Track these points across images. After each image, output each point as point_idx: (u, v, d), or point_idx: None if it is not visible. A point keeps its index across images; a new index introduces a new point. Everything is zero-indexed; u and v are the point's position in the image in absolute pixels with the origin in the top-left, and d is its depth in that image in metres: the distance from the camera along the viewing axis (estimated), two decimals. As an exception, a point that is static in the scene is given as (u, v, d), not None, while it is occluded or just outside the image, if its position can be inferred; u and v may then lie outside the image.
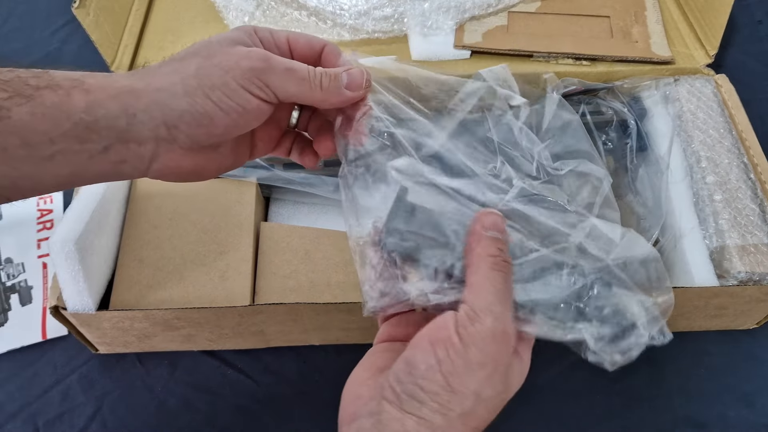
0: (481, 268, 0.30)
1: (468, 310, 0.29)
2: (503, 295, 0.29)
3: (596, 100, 0.59)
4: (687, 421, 0.52)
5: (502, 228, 0.32)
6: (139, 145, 0.32)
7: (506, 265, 0.31)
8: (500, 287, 0.29)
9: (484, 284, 0.29)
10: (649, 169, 0.58)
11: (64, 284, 0.47)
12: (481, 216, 0.32)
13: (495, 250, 0.31)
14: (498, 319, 0.29)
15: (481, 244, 0.31)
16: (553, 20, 0.65)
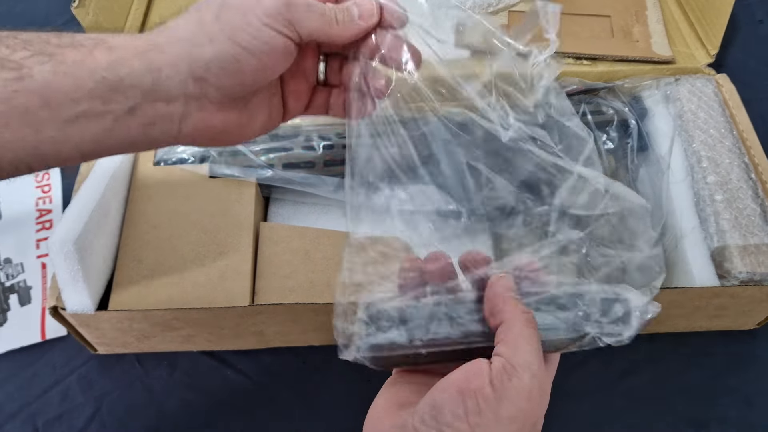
0: (516, 324, 0.29)
1: (505, 363, 0.28)
2: (539, 354, 0.29)
3: (597, 100, 0.59)
4: (687, 421, 0.52)
5: (515, 288, 0.32)
6: (167, 103, 0.31)
7: (535, 324, 0.30)
8: (536, 345, 0.29)
9: (520, 340, 0.29)
10: (649, 169, 0.57)
11: (63, 284, 0.47)
12: (497, 281, 0.32)
13: (525, 308, 0.30)
14: (536, 377, 0.28)
15: (510, 302, 0.30)
16: (553, 20, 0.65)
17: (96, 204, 0.49)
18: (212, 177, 0.55)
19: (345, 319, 0.33)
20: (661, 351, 0.55)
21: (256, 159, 0.54)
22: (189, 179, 0.55)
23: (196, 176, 0.55)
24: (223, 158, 0.55)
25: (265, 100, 0.36)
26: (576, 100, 0.59)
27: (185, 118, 0.32)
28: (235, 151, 0.55)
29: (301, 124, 0.58)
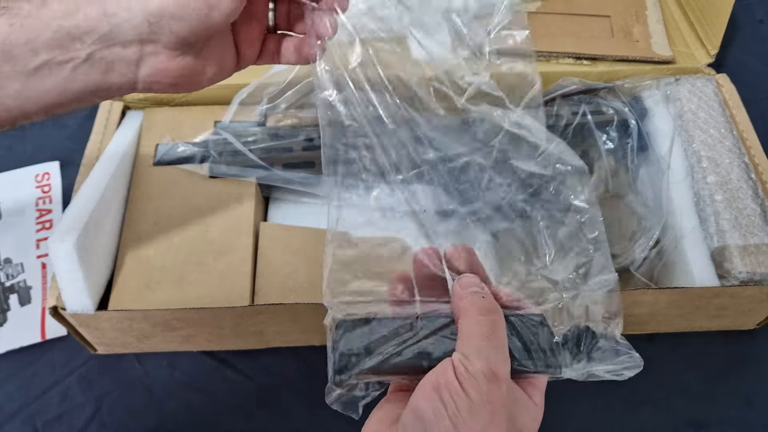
0: (469, 316, 0.31)
1: (460, 355, 0.30)
2: (491, 338, 0.30)
3: (597, 100, 0.59)
4: (688, 422, 0.52)
5: (479, 284, 0.33)
6: (123, 47, 0.32)
7: (492, 309, 0.32)
8: (487, 330, 0.30)
9: (471, 330, 0.30)
10: (649, 169, 0.57)
11: (63, 284, 0.47)
12: (458, 280, 0.34)
13: (479, 299, 0.32)
14: (487, 360, 0.29)
15: (465, 299, 0.32)
16: (553, 20, 0.65)
17: (96, 204, 0.49)
18: (212, 177, 0.55)
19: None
20: (661, 351, 0.55)
21: (257, 159, 0.54)
22: (189, 179, 0.55)
23: (196, 176, 0.55)
24: (223, 158, 0.55)
25: (218, 47, 0.37)
26: (576, 100, 0.59)
27: (142, 62, 0.33)
28: (236, 152, 0.55)
29: (300, 123, 0.58)
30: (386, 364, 0.32)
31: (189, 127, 0.58)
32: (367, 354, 0.32)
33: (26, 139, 0.69)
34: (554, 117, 0.57)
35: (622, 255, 0.54)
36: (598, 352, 0.35)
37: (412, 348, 0.32)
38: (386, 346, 0.32)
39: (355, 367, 0.32)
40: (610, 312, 0.36)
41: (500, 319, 0.32)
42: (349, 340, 0.32)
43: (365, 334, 0.32)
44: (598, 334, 0.35)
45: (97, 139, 0.57)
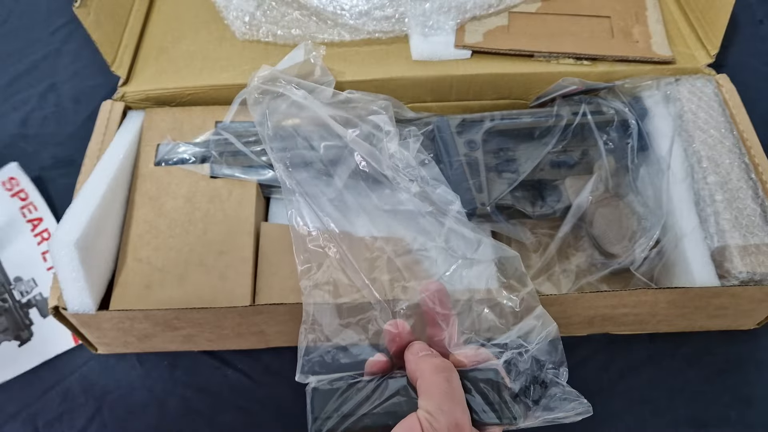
0: (424, 376, 0.34)
1: (424, 413, 0.32)
2: (449, 394, 0.33)
3: (597, 100, 0.59)
4: (687, 421, 0.52)
5: (428, 349, 0.36)
6: None
7: (446, 366, 0.35)
8: (444, 386, 0.33)
9: (430, 388, 0.33)
10: (650, 169, 0.57)
11: (64, 284, 0.47)
12: (409, 348, 0.37)
13: (432, 359, 0.35)
14: (449, 415, 0.32)
15: (420, 362, 0.35)
16: (553, 20, 0.65)
17: (97, 204, 0.49)
18: (213, 177, 0.55)
19: None
20: (661, 351, 0.55)
21: (257, 159, 0.55)
22: (190, 179, 0.55)
23: (197, 176, 0.55)
24: (224, 158, 0.55)
25: None
26: (576, 100, 0.59)
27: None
28: (236, 152, 0.55)
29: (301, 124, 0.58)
30: (358, 426, 0.35)
31: (190, 127, 0.58)
32: (341, 417, 0.35)
33: (28, 140, 0.69)
34: (554, 117, 0.57)
35: (622, 255, 0.54)
36: (551, 401, 0.37)
37: (379, 408, 0.35)
38: (357, 408, 0.35)
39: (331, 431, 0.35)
40: (555, 362, 0.39)
41: (454, 374, 0.34)
42: (324, 405, 0.36)
43: (338, 399, 0.36)
44: (548, 384, 0.38)
45: (98, 140, 0.57)
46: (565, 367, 0.39)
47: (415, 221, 0.50)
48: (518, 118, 0.57)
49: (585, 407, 0.37)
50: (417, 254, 0.49)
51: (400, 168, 0.51)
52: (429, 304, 0.39)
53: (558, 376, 0.39)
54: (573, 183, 0.57)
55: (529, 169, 0.56)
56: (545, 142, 0.57)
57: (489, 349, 0.38)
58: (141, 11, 0.67)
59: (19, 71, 0.75)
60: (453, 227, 0.49)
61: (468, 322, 0.42)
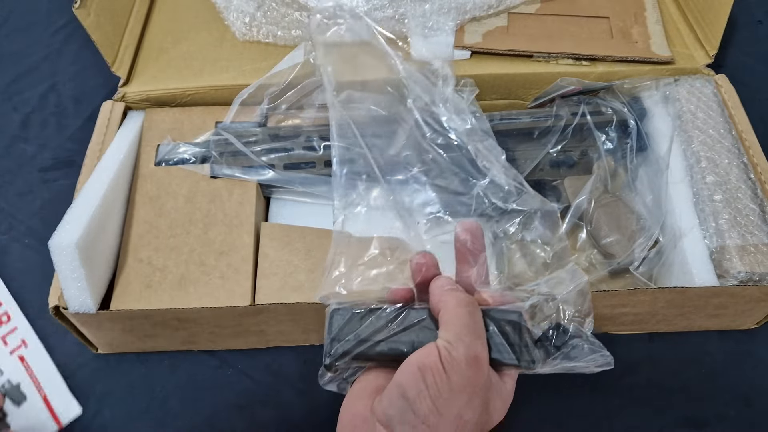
0: (447, 307, 0.34)
1: (444, 342, 0.32)
2: (471, 327, 0.33)
3: (596, 100, 0.59)
4: (687, 421, 0.52)
5: (454, 284, 0.36)
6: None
7: (470, 301, 0.34)
8: (467, 320, 0.33)
9: (452, 320, 0.33)
10: (649, 169, 0.58)
11: (65, 284, 0.47)
12: (435, 281, 0.36)
13: (457, 293, 0.35)
14: (469, 347, 0.32)
15: (444, 294, 0.35)
16: (553, 21, 0.65)
17: (98, 204, 0.49)
18: (213, 177, 0.55)
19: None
20: (660, 351, 0.56)
21: (257, 159, 0.55)
22: (190, 180, 0.55)
23: (198, 176, 0.55)
24: (224, 158, 0.55)
25: None
26: (575, 101, 0.59)
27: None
28: (236, 152, 0.55)
29: (301, 124, 0.58)
30: (373, 350, 0.35)
31: (190, 127, 0.58)
32: (357, 341, 0.35)
33: (28, 141, 0.69)
34: (554, 117, 0.57)
35: (622, 255, 0.54)
36: (572, 350, 0.37)
37: (397, 336, 0.35)
38: (375, 334, 0.35)
39: (346, 353, 0.35)
40: (581, 312, 0.39)
41: (478, 311, 0.34)
42: (342, 327, 0.36)
43: (357, 322, 0.36)
44: (571, 332, 0.38)
45: (98, 140, 0.57)
46: (591, 318, 0.38)
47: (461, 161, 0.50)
48: (517, 119, 0.57)
49: (606, 359, 0.37)
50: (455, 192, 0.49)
51: (453, 109, 0.50)
52: (461, 238, 0.38)
53: (582, 325, 0.38)
54: (572, 183, 0.58)
55: (529, 169, 0.56)
56: (544, 142, 0.57)
57: (515, 293, 0.38)
58: (141, 12, 0.67)
59: (19, 72, 0.75)
60: (496, 176, 0.49)
61: (498, 264, 0.42)
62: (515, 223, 0.47)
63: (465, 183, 0.50)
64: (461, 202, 0.50)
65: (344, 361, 0.35)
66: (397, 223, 0.46)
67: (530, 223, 0.47)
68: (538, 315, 0.38)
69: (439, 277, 0.37)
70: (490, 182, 0.49)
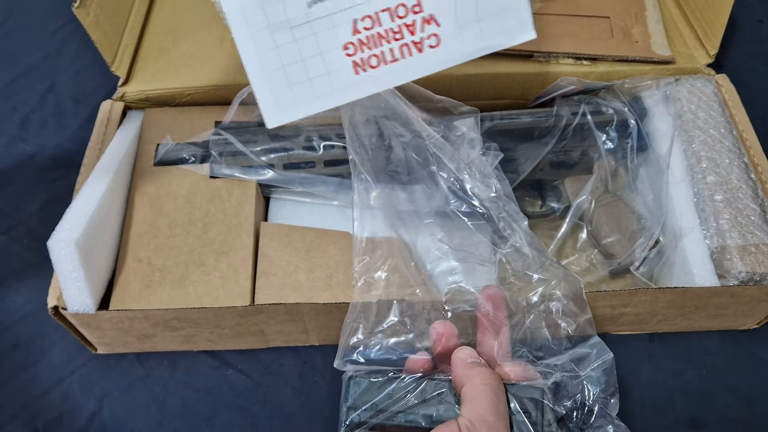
0: (473, 384, 0.33)
1: (466, 421, 0.31)
2: (495, 406, 0.32)
3: (596, 100, 0.59)
4: (688, 422, 0.52)
5: (477, 356, 0.35)
6: None
7: (496, 379, 0.34)
8: (491, 399, 0.32)
9: (476, 398, 0.32)
10: (649, 169, 0.58)
11: (64, 284, 0.47)
12: (457, 353, 0.36)
13: (482, 369, 0.34)
14: (492, 428, 0.31)
15: (468, 368, 0.34)
16: (553, 21, 0.65)
17: (97, 204, 0.49)
18: (213, 177, 0.55)
19: None
20: (661, 351, 0.56)
21: (257, 159, 0.55)
22: (190, 179, 0.55)
23: (197, 176, 0.55)
24: (223, 158, 0.55)
25: None
26: (576, 100, 0.59)
27: None
28: (236, 152, 0.55)
29: (301, 124, 0.58)
30: (390, 422, 0.34)
31: (189, 127, 0.58)
32: (374, 412, 0.34)
33: (27, 141, 0.69)
34: (554, 117, 0.57)
35: (622, 255, 0.54)
36: (596, 431, 0.36)
37: (415, 408, 0.34)
38: (392, 405, 0.34)
39: (362, 423, 0.34)
40: (606, 391, 0.38)
41: (502, 389, 0.33)
42: (358, 396, 0.35)
43: (375, 392, 0.35)
44: (596, 413, 0.37)
45: (97, 140, 0.57)
46: (617, 399, 0.38)
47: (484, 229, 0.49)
48: (518, 118, 0.57)
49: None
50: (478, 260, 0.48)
51: (477, 175, 0.49)
52: (484, 308, 0.38)
53: (607, 406, 0.37)
54: (573, 183, 0.58)
55: (529, 169, 0.56)
56: (545, 142, 0.57)
57: (538, 368, 0.37)
58: (141, 11, 0.67)
59: (19, 71, 0.75)
60: (518, 243, 0.48)
61: (520, 336, 0.41)
62: (538, 293, 0.46)
63: (488, 251, 0.49)
64: (484, 271, 0.49)
65: (360, 431, 0.34)
66: (417, 290, 0.45)
67: (553, 295, 0.46)
68: (561, 393, 0.37)
69: (462, 348, 0.36)
70: (512, 249, 0.48)
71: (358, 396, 0.35)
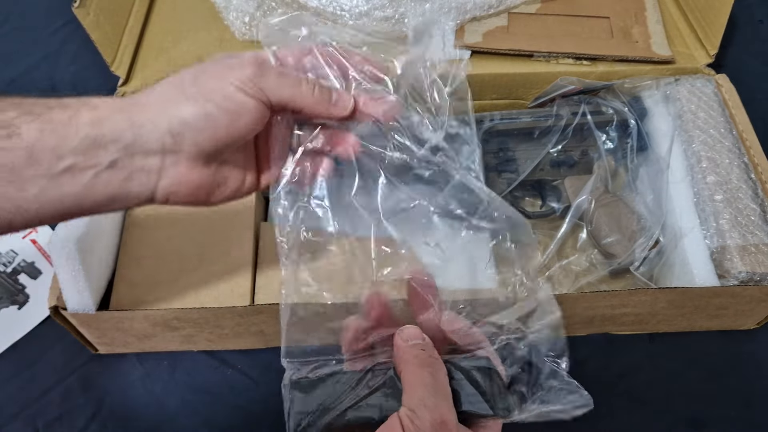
0: (408, 369, 0.32)
1: (407, 410, 0.30)
2: (433, 388, 0.31)
3: (597, 100, 0.59)
4: (688, 422, 0.52)
5: (420, 335, 0.34)
6: (145, 156, 0.33)
7: (432, 361, 0.33)
8: (429, 381, 0.31)
9: (413, 382, 0.31)
10: (649, 169, 0.58)
11: (64, 284, 0.47)
12: (398, 334, 0.34)
13: (418, 352, 0.33)
14: (433, 411, 0.30)
15: (406, 352, 0.33)
16: (553, 21, 0.65)
17: (97, 204, 0.49)
18: (213, 177, 0.55)
19: None
20: (661, 351, 0.56)
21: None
22: (189, 179, 0.55)
23: (197, 176, 0.55)
24: (223, 158, 0.55)
25: (239, 161, 0.38)
26: (575, 100, 0.59)
27: (162, 172, 0.34)
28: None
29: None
30: (340, 420, 0.32)
31: (189, 127, 0.58)
32: (321, 412, 0.33)
33: (27, 140, 0.69)
34: (554, 117, 0.57)
35: (622, 255, 0.54)
36: (547, 393, 0.35)
37: (363, 402, 0.33)
38: (339, 402, 0.33)
39: (311, 426, 0.33)
40: (556, 351, 0.37)
41: (440, 369, 0.32)
42: (304, 399, 0.33)
43: (319, 392, 0.34)
44: (546, 374, 0.36)
45: (97, 140, 0.57)
46: (566, 357, 0.36)
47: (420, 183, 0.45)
48: (518, 118, 0.57)
49: (585, 400, 0.34)
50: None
51: None
52: (415, 283, 0.37)
53: (558, 366, 0.36)
54: (573, 183, 0.58)
55: (529, 169, 0.56)
56: (545, 142, 0.57)
57: (484, 328, 0.36)
58: (141, 11, 0.67)
59: (19, 71, 0.75)
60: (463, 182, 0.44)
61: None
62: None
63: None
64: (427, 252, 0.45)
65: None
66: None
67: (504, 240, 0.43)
68: (508, 357, 0.36)
69: (404, 329, 0.35)
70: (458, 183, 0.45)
71: (302, 399, 0.33)
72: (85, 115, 0.32)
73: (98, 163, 0.32)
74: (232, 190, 0.38)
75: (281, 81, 0.35)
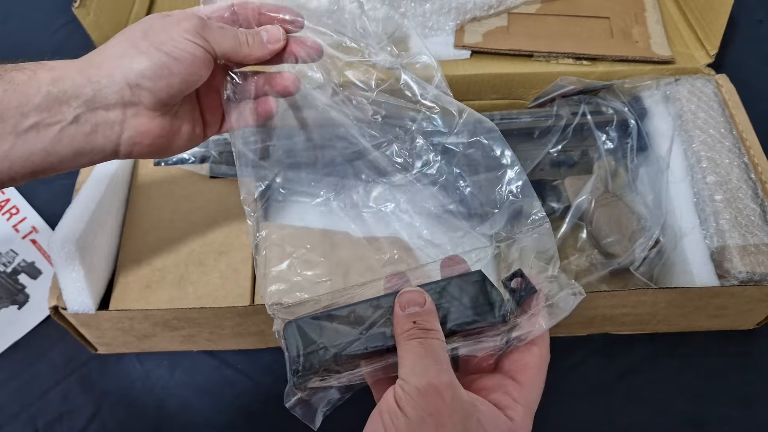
0: (401, 343, 0.32)
1: (399, 380, 0.31)
2: (424, 357, 0.31)
3: (596, 100, 0.59)
4: (688, 422, 0.52)
5: (420, 301, 0.34)
6: (106, 110, 0.35)
7: (423, 332, 0.33)
8: (419, 351, 0.32)
9: (406, 355, 0.32)
10: (649, 169, 0.58)
11: (64, 284, 0.47)
12: (398, 299, 0.34)
13: (409, 325, 0.33)
14: (421, 376, 0.30)
15: (399, 323, 0.33)
16: (553, 21, 0.65)
17: (97, 204, 0.49)
18: (213, 177, 0.55)
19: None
20: (661, 351, 0.56)
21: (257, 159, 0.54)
22: (189, 179, 0.55)
23: (197, 176, 0.55)
24: (223, 158, 0.55)
25: (188, 112, 0.41)
26: (575, 100, 0.59)
27: (124, 124, 0.36)
28: (236, 152, 0.55)
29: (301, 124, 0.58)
30: (346, 352, 0.32)
31: (189, 127, 0.58)
32: (322, 349, 0.32)
33: (27, 140, 0.69)
34: (554, 117, 0.57)
35: (622, 255, 0.54)
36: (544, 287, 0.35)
37: (368, 332, 0.32)
38: (340, 336, 0.32)
39: (313, 365, 0.32)
40: (545, 253, 0.37)
41: (433, 337, 0.32)
42: (301, 340, 0.33)
43: (316, 330, 0.33)
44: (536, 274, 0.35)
45: (97, 140, 0.57)
46: (556, 259, 0.36)
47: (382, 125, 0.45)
48: (518, 118, 0.57)
49: (575, 289, 0.34)
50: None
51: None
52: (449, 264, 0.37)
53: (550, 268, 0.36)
54: (573, 183, 0.58)
55: (529, 169, 0.56)
56: (545, 142, 0.57)
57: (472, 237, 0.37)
58: (141, 11, 0.67)
59: (19, 72, 0.75)
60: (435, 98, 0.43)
61: None
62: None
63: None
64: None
65: (317, 373, 0.32)
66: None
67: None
68: (501, 264, 0.36)
69: (403, 293, 0.34)
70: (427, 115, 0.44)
71: (301, 338, 0.32)
72: (44, 75, 0.34)
73: (62, 119, 0.34)
74: (185, 140, 0.41)
75: (222, 33, 0.38)
